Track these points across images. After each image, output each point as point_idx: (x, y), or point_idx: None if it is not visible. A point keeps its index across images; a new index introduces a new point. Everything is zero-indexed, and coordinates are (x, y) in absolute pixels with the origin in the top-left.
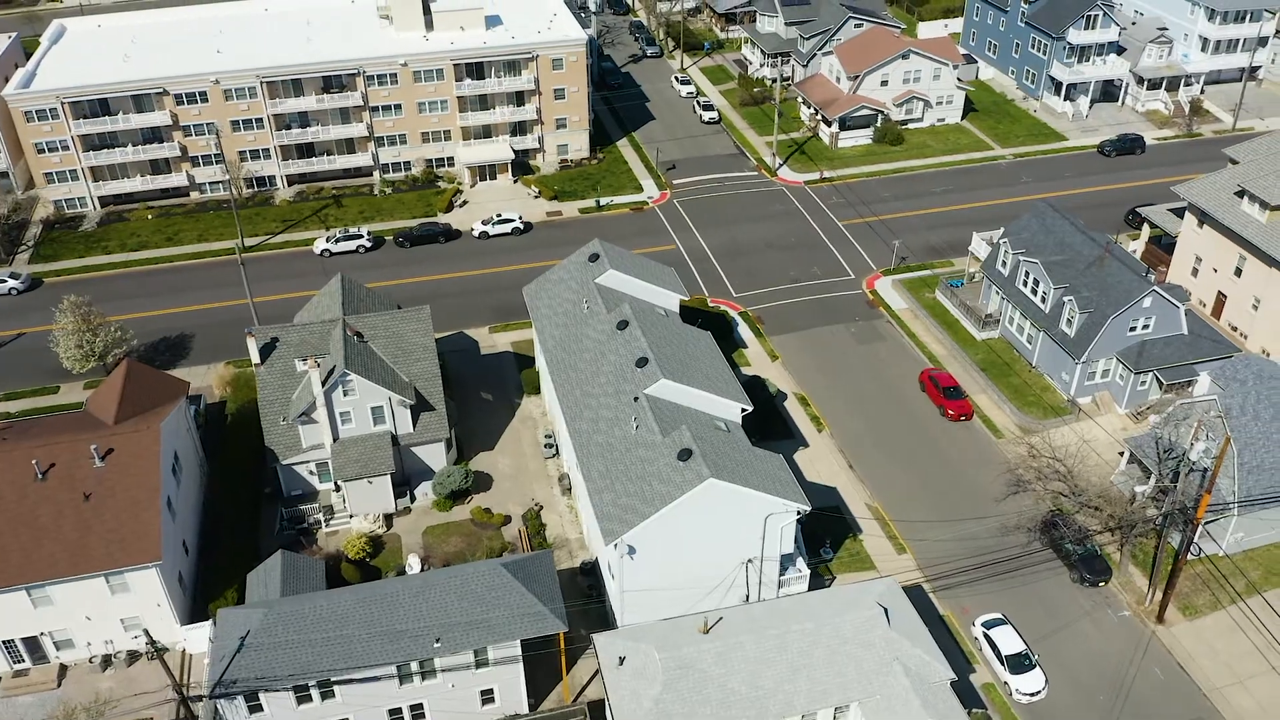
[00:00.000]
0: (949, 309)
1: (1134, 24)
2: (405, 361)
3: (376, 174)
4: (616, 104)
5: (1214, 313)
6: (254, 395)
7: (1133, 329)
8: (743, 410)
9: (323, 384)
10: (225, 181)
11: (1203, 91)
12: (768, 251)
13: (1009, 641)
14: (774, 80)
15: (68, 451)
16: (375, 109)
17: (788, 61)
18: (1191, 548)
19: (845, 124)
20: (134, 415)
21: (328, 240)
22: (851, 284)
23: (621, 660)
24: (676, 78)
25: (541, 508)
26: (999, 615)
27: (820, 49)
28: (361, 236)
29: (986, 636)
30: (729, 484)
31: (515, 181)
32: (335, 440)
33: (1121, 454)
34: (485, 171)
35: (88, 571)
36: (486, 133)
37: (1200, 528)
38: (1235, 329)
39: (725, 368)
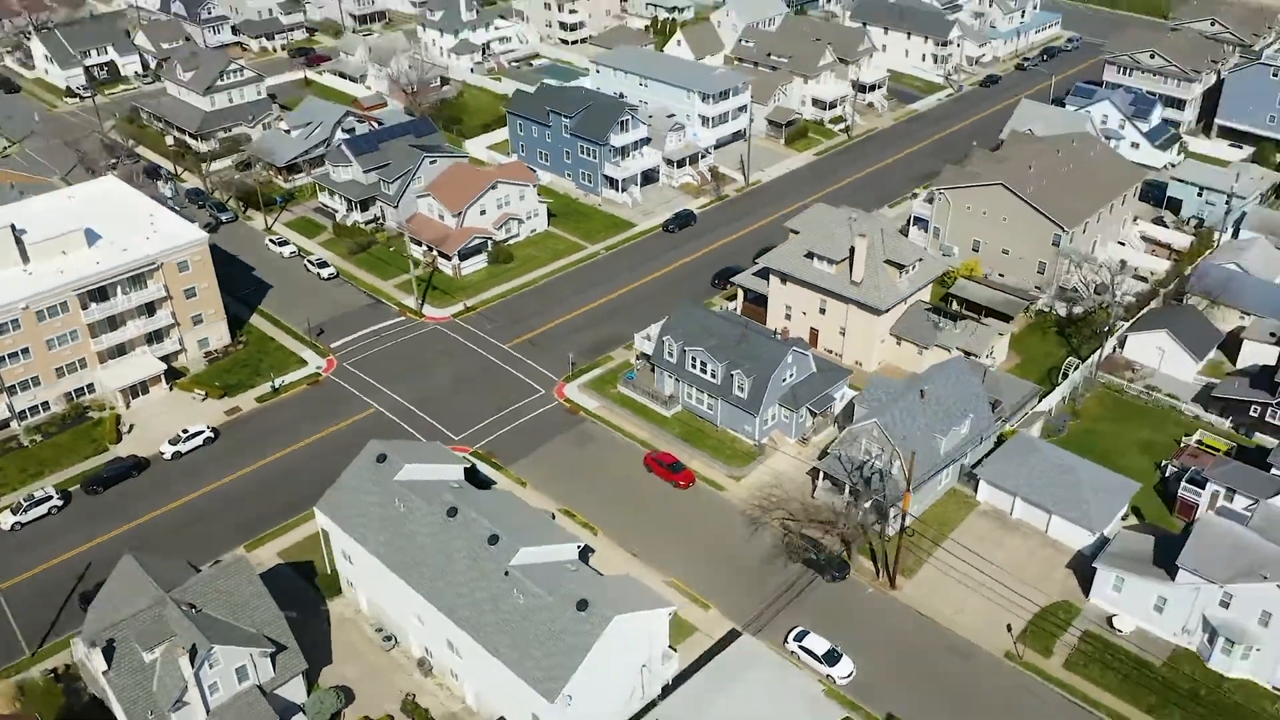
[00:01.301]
0: (635, 397)
1: (651, 117)
2: (245, 612)
3: (15, 424)
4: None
5: (811, 343)
6: (71, 703)
7: (784, 379)
8: (578, 548)
9: (192, 665)
10: None
11: (708, 154)
12: (459, 388)
13: (818, 644)
14: (381, 226)
15: None
16: (2, 359)
17: (371, 205)
18: (888, 527)
19: (463, 254)
20: None
21: (14, 512)
22: (545, 398)
23: None
24: (271, 240)
25: (414, 694)
26: (802, 627)
27: (405, 190)
28: (50, 497)
29: (800, 646)
30: (627, 614)
31: (172, 389)
32: (209, 713)
33: (814, 475)
34: (136, 390)
35: None
36: (122, 350)
37: (904, 513)
38: (830, 351)
39: (538, 514)
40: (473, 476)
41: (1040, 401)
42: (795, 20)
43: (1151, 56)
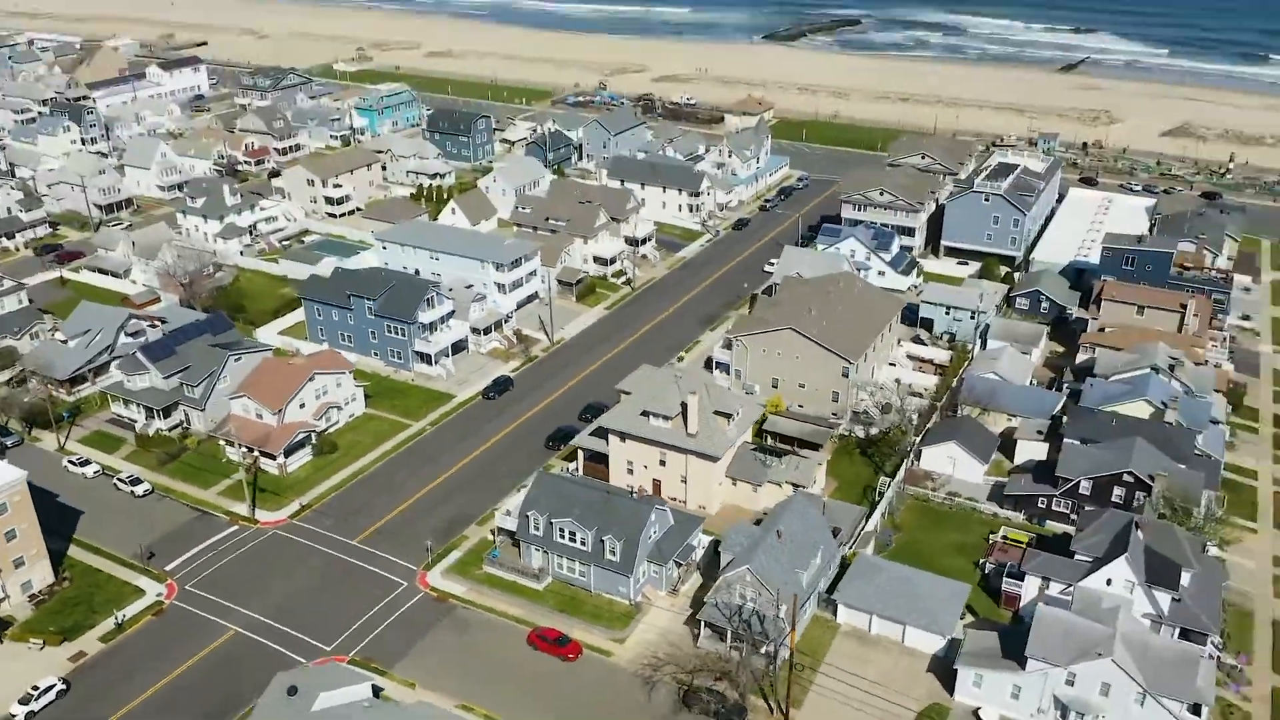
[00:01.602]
0: (503, 576)
1: (451, 290)
2: None
3: None
4: None
5: (655, 493)
6: None
7: (650, 537)
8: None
9: None
10: None
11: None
12: (316, 594)
13: None
14: (189, 432)
15: None
16: None
17: (174, 410)
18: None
19: (286, 451)
20: None
21: None
22: (410, 590)
23: None
24: (70, 461)
25: None
26: None
27: (211, 392)
28: None
29: None
30: None
31: (2, 641)
32: None
33: (693, 624)
34: None
35: None
36: None
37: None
38: (674, 499)
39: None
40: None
41: (866, 522)
42: (561, 183)
43: (881, 193)
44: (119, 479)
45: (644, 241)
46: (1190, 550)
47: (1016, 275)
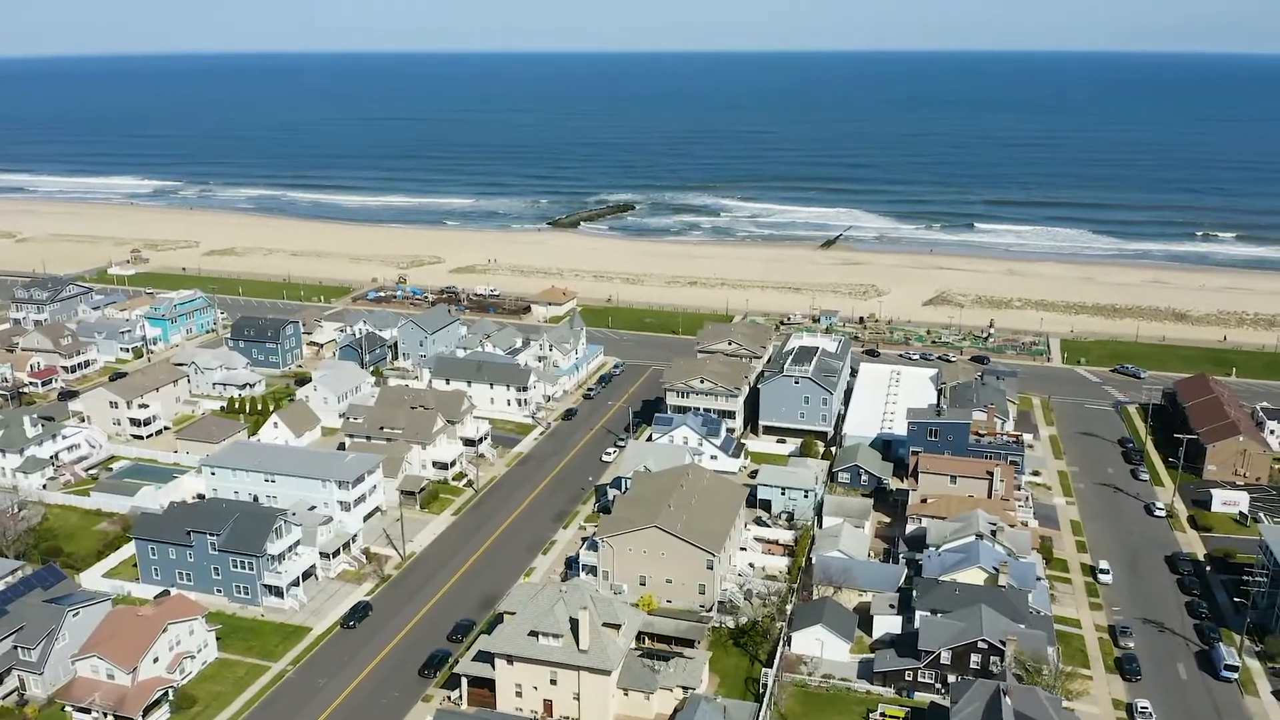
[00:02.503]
0: None
1: (294, 514)
2: None
3: None
4: None
5: (546, 713)
6: None
7: None
8: None
9: None
10: None
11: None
12: None
13: None
14: (26, 699)
15: None
16: None
17: (8, 677)
18: None
19: (144, 712)
20: None
21: None
22: None
23: None
24: None
25: None
26: None
27: (50, 653)
28: None
29: None
30: None
31: None
32: None
33: None
34: None
35: None
36: None
37: None
38: (567, 718)
39: None
40: None
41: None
42: (391, 390)
43: (701, 381)
44: None
45: (480, 441)
46: (1053, 710)
47: (834, 450)
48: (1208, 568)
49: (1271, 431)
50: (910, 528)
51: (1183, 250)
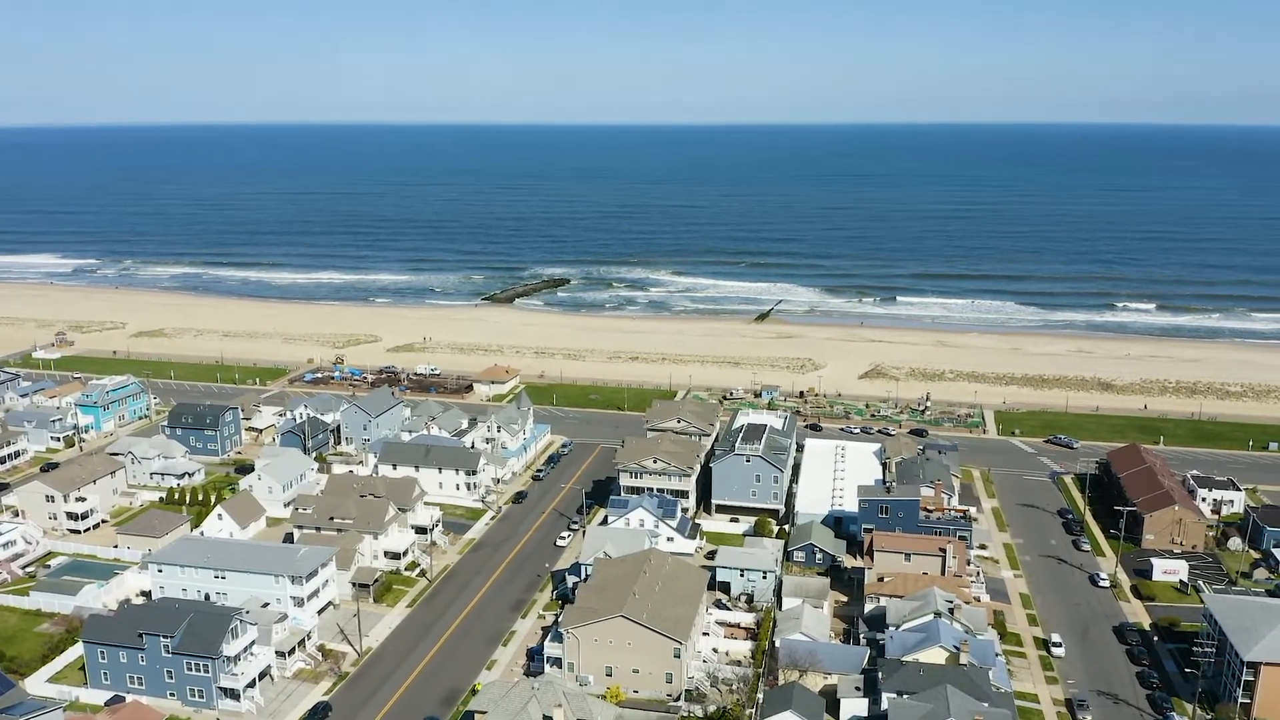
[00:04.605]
0: None
1: (248, 612)
2: None
3: None
4: None
5: None
6: None
7: None
8: None
9: None
10: None
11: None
12: None
13: None
14: None
15: None
16: None
17: None
18: None
19: None
20: None
21: None
22: None
23: None
24: None
25: None
26: None
27: None
28: None
29: None
30: None
31: None
32: None
33: None
34: None
35: None
36: None
37: None
38: None
39: None
40: None
41: None
42: (339, 478)
43: (654, 461)
44: None
45: (432, 528)
46: None
47: (787, 528)
48: (1154, 638)
49: (1203, 499)
50: (869, 606)
51: (1103, 320)
